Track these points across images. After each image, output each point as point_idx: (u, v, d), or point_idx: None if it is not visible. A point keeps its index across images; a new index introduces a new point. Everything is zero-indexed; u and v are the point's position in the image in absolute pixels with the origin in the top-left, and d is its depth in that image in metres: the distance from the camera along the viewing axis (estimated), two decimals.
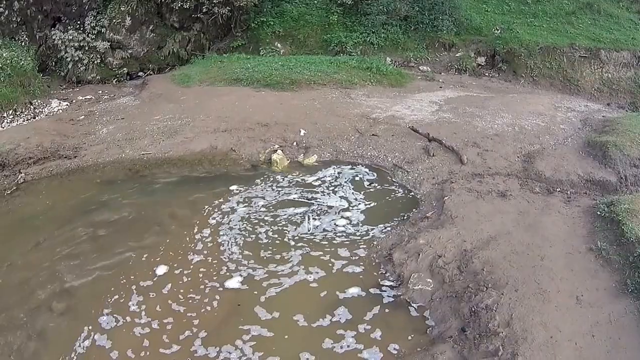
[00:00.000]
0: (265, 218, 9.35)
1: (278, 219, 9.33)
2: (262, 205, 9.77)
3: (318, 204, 9.81)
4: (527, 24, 19.71)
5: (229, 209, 9.63)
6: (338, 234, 8.87)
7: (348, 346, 6.62)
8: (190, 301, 7.31)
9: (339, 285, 7.61)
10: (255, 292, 7.42)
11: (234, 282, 7.66)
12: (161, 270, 7.99)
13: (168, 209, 9.70)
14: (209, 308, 7.19)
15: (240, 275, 7.81)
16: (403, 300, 7.16)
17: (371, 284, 7.68)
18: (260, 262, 8.10)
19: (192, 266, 8.08)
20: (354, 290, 7.54)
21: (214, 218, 9.34)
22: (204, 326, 6.85)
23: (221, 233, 8.89)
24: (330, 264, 8.07)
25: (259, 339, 6.61)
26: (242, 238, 8.76)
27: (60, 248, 8.56)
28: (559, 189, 9.65)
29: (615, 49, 17.83)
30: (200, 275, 7.85)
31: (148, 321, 6.93)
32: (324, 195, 10.16)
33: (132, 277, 7.77)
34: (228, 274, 7.85)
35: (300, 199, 10.02)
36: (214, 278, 7.77)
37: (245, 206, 9.74)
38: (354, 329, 6.85)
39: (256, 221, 9.24)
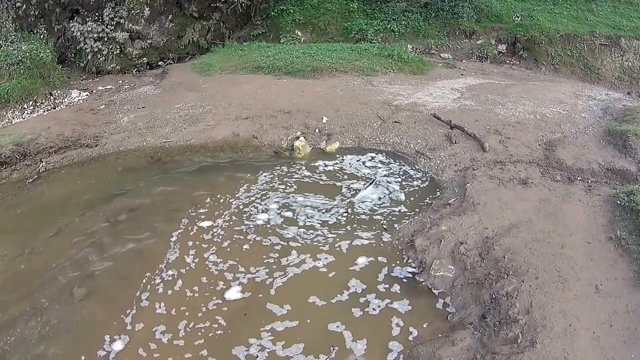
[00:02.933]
0: (287, 206, 9.38)
1: (300, 207, 9.37)
2: (285, 194, 9.82)
3: (342, 191, 9.85)
4: (547, 11, 19.60)
5: (251, 197, 9.68)
6: (357, 219, 8.95)
7: (379, 306, 6.90)
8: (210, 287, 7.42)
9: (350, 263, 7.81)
10: (265, 287, 7.38)
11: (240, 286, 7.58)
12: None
13: (190, 197, 9.77)
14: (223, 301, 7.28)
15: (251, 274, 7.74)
16: (425, 286, 7.24)
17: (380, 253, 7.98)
18: (272, 257, 8.06)
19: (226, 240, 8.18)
20: (361, 260, 7.81)
21: (236, 206, 9.39)
22: (226, 318, 6.93)
23: (242, 221, 8.94)
24: (346, 250, 8.15)
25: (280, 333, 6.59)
26: (261, 228, 8.76)
27: (81, 234, 8.67)
28: (580, 178, 9.64)
29: (636, 37, 17.72)
30: (221, 263, 7.94)
31: (167, 310, 6.98)
32: (347, 181, 10.22)
33: (152, 264, 7.85)
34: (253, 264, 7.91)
35: (325, 184, 10.11)
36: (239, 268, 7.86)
37: (267, 193, 9.79)
38: (374, 292, 7.14)
39: (279, 210, 9.28)
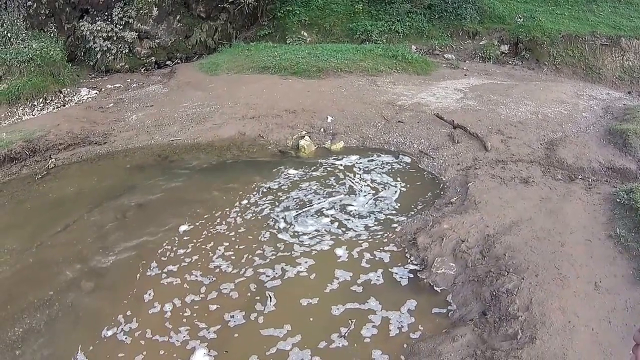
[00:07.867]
0: (294, 206, 9.44)
1: (304, 206, 9.45)
2: (289, 192, 9.88)
3: (343, 192, 9.90)
4: (549, 12, 19.80)
5: (258, 196, 9.76)
6: (359, 219, 9.01)
7: (378, 277, 7.25)
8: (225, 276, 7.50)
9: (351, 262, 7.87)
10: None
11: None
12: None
13: (197, 195, 9.91)
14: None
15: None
16: (426, 283, 7.32)
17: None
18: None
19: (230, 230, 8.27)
20: (339, 252, 7.96)
21: (242, 204, 9.47)
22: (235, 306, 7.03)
23: (248, 220, 9.02)
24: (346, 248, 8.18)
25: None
26: (263, 229, 8.75)
27: (89, 230, 8.81)
28: (581, 176, 9.74)
29: (636, 36, 17.92)
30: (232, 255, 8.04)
31: (170, 305, 7.04)
32: (348, 181, 10.29)
33: (160, 259, 7.95)
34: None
35: (330, 183, 10.19)
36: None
37: (275, 192, 9.86)
38: (360, 270, 7.45)
39: (282, 208, 9.37)
